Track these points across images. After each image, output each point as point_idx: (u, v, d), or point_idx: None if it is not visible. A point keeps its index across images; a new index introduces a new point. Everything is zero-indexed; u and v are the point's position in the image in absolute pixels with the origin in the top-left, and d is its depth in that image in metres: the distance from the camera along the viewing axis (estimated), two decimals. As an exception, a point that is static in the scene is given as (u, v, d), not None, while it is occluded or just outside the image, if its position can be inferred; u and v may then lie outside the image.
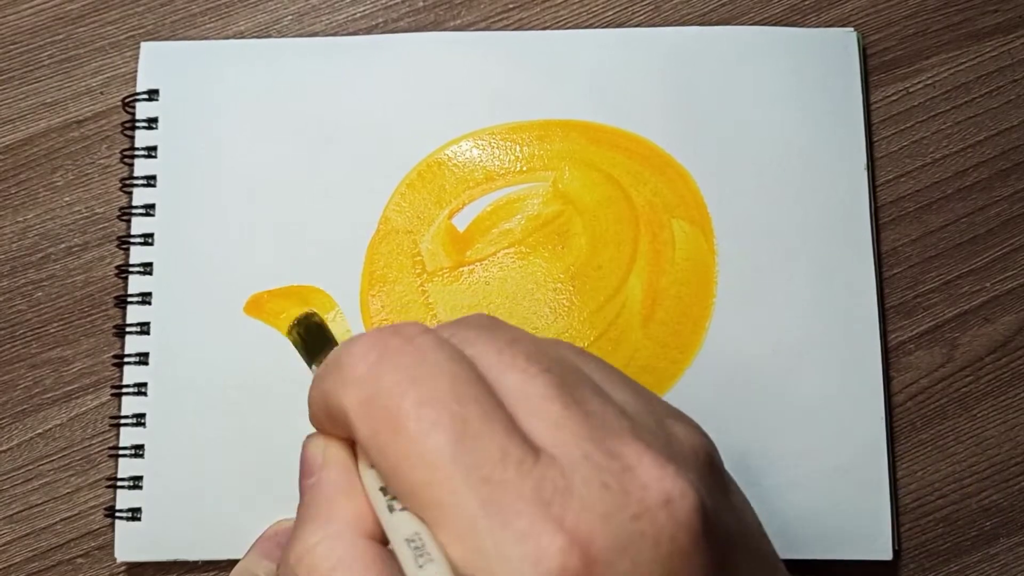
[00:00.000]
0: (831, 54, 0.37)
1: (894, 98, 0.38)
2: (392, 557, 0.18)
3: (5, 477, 0.35)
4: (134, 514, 0.34)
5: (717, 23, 0.38)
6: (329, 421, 0.20)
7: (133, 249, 0.36)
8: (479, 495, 0.16)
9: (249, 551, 0.33)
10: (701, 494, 0.17)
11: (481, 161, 0.36)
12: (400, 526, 0.18)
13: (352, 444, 0.20)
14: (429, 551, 0.17)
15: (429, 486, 0.17)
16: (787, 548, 0.33)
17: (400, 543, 0.17)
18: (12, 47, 0.38)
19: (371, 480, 0.19)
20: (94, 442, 0.35)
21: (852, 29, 0.37)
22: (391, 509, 0.18)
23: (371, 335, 0.19)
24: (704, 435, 0.20)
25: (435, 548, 0.17)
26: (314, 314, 0.30)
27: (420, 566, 0.16)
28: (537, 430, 0.17)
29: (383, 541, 0.19)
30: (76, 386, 0.36)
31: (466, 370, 0.18)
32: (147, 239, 0.36)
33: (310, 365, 0.28)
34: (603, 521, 0.16)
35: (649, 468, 0.17)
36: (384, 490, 0.18)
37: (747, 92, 0.36)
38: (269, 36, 0.38)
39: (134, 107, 0.37)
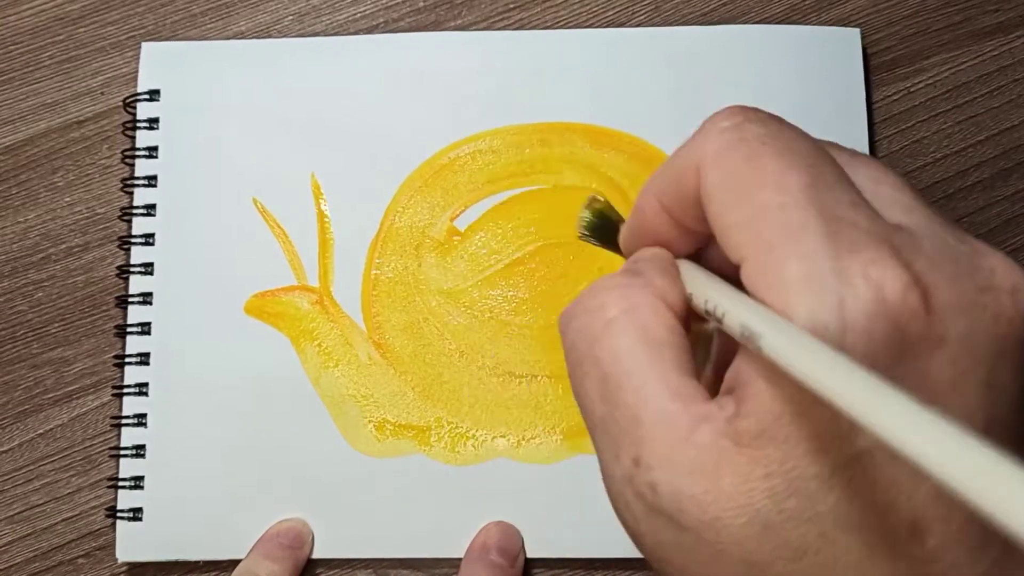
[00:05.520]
0: (833, 53, 0.37)
1: (895, 98, 0.37)
2: (686, 341, 0.18)
3: (6, 477, 0.35)
4: (135, 514, 0.34)
5: (718, 22, 0.38)
6: (665, 198, 0.20)
7: (134, 249, 0.36)
8: (829, 225, 0.16)
9: (251, 552, 0.33)
10: None
11: (483, 164, 0.36)
12: (736, 307, 0.16)
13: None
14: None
15: (779, 209, 0.16)
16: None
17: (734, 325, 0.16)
18: (12, 47, 0.38)
19: (696, 275, 0.19)
20: (95, 442, 0.35)
21: (854, 28, 0.37)
22: (715, 308, 0.17)
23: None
24: None
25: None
26: (597, 200, 0.26)
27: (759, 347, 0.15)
28: (889, 211, 0.17)
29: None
30: (77, 386, 0.36)
31: (820, 145, 0.18)
32: (148, 239, 0.36)
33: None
34: (950, 281, 0.16)
35: (999, 258, 0.17)
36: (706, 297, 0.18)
37: (749, 91, 0.36)
38: (269, 36, 0.38)
39: (135, 107, 0.37)
